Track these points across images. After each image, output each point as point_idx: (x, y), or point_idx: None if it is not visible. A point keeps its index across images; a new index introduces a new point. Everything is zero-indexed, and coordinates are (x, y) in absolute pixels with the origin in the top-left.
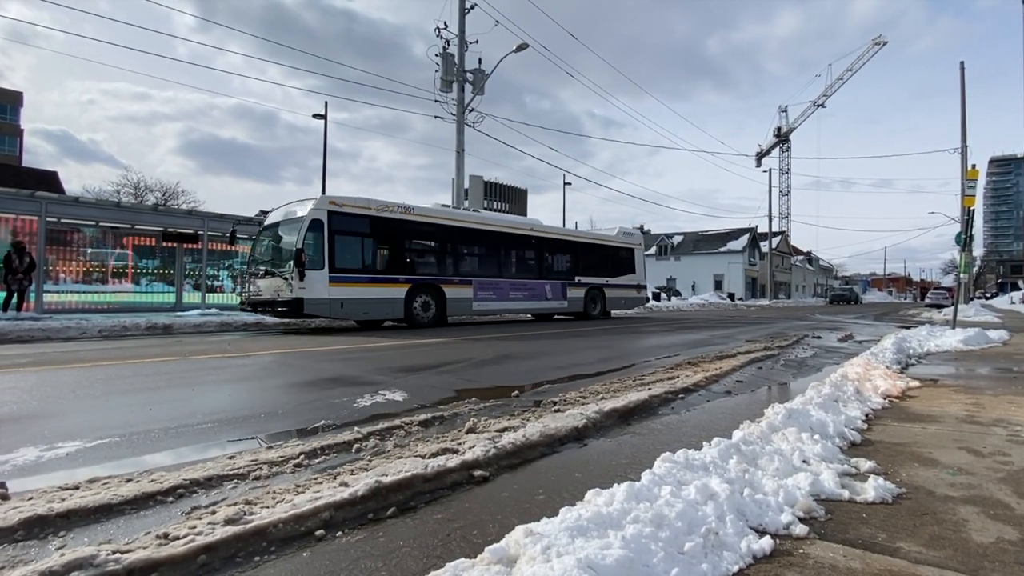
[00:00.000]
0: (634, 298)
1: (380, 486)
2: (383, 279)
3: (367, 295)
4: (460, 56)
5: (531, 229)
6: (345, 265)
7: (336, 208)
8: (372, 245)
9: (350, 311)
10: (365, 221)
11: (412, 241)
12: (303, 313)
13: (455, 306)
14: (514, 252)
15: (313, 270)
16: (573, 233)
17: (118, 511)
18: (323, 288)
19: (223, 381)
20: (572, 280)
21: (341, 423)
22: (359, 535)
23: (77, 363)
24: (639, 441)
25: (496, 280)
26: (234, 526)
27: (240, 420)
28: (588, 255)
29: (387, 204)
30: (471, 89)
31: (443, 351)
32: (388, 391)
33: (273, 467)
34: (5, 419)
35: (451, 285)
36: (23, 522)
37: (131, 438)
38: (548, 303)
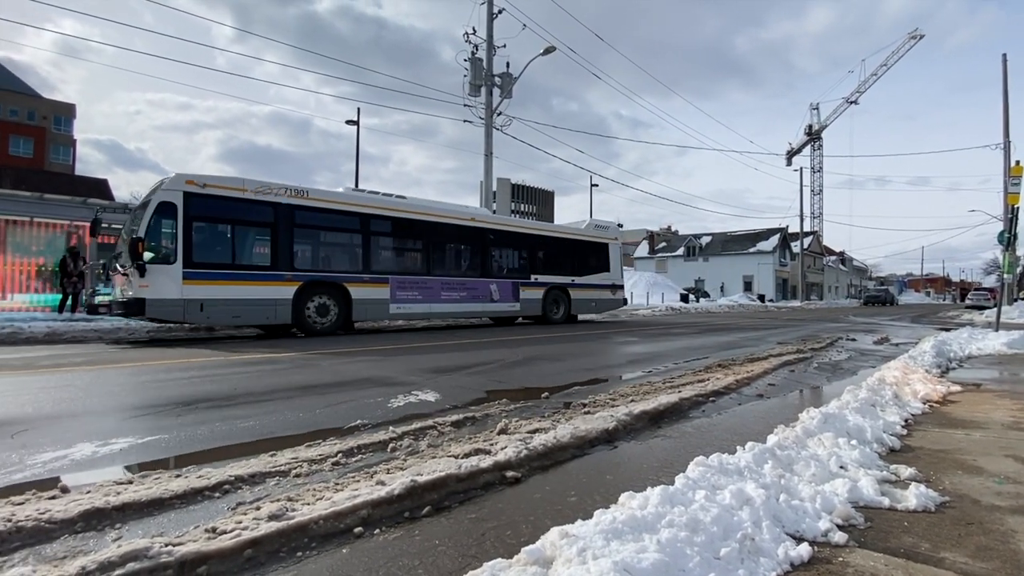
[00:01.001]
0: (608, 300)
1: (416, 485)
2: (262, 276)
3: (238, 295)
4: (488, 61)
5: (472, 219)
6: (208, 259)
7: (196, 189)
8: (249, 234)
9: (214, 315)
10: (239, 206)
11: (306, 230)
12: (148, 317)
13: (365, 309)
14: (449, 246)
15: (160, 264)
16: (528, 225)
17: (168, 505)
18: (174, 287)
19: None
20: (527, 279)
21: (376, 423)
22: (396, 533)
23: (128, 363)
24: (670, 444)
25: (423, 278)
26: (277, 522)
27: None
28: (548, 251)
29: (270, 185)
30: (499, 93)
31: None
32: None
33: (313, 465)
34: (64, 415)
35: (359, 283)
36: (82, 514)
37: (179, 433)
38: (494, 305)
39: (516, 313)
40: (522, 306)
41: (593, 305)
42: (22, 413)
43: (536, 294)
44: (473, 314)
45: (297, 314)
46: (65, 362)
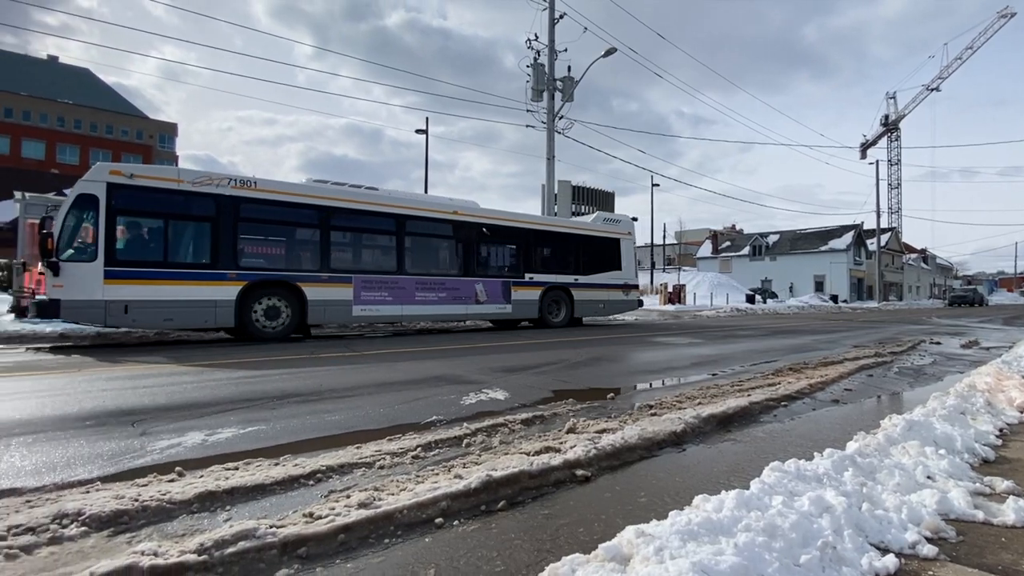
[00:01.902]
0: (618, 301)
1: (491, 480)
2: (200, 275)
3: (170, 296)
4: (550, 65)
5: (455, 212)
6: (135, 256)
7: (122, 180)
8: (186, 229)
9: (141, 317)
10: (173, 198)
11: (253, 225)
12: (63, 319)
13: (323, 311)
14: (426, 241)
15: (78, 262)
16: (522, 219)
17: (270, 490)
18: (93, 287)
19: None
20: (520, 277)
21: (451, 419)
22: (474, 525)
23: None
24: (741, 448)
25: (393, 277)
26: (366, 510)
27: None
28: (546, 247)
29: (212, 176)
30: (560, 97)
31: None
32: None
33: (395, 457)
34: (175, 407)
35: (316, 283)
36: (197, 496)
37: (275, 424)
38: (481, 307)
39: (507, 316)
40: (514, 308)
41: (601, 307)
42: (140, 404)
43: (531, 295)
44: (455, 316)
45: (242, 317)
46: (173, 360)
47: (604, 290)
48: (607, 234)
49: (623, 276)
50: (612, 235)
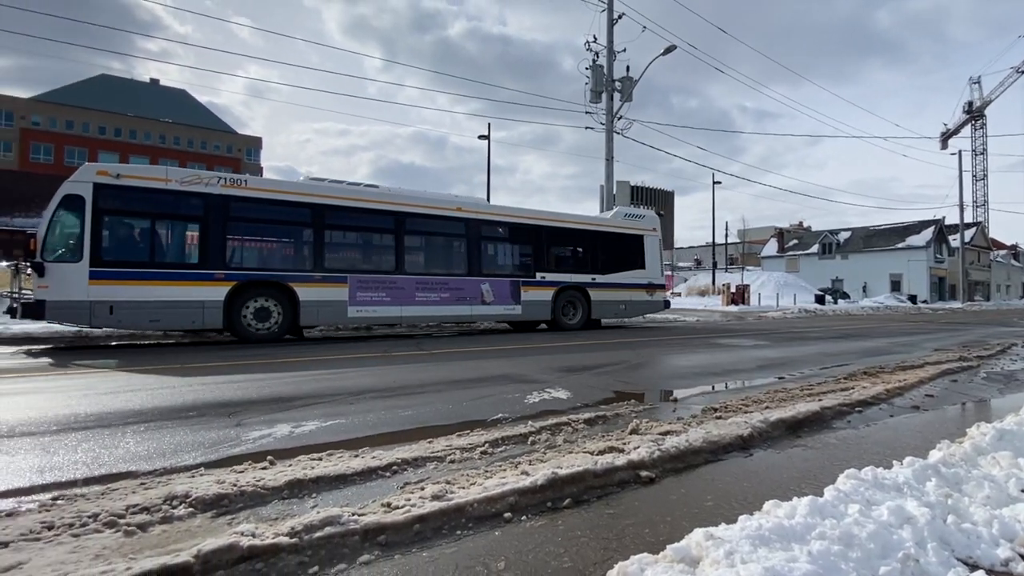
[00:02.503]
0: (641, 302)
1: (556, 478)
2: (186, 275)
3: (156, 296)
4: (609, 66)
5: (458, 209)
6: (120, 256)
7: (109, 180)
8: (173, 229)
9: (126, 318)
10: (161, 197)
11: (243, 224)
12: (49, 319)
13: (317, 312)
14: (427, 239)
15: (63, 263)
16: (534, 215)
17: (350, 480)
18: (78, 287)
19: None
20: (531, 277)
21: (516, 417)
22: (541, 521)
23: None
24: (812, 455)
25: (391, 277)
26: (439, 502)
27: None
28: (560, 244)
29: (201, 175)
30: (619, 97)
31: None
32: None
33: (464, 452)
34: (265, 400)
35: (309, 283)
36: (287, 483)
37: (354, 418)
38: (487, 308)
39: (516, 317)
40: (524, 309)
41: (622, 308)
42: (234, 397)
43: (543, 295)
44: (459, 318)
45: (231, 318)
46: (262, 359)
47: (625, 290)
48: (629, 230)
49: (647, 275)
50: (635, 232)
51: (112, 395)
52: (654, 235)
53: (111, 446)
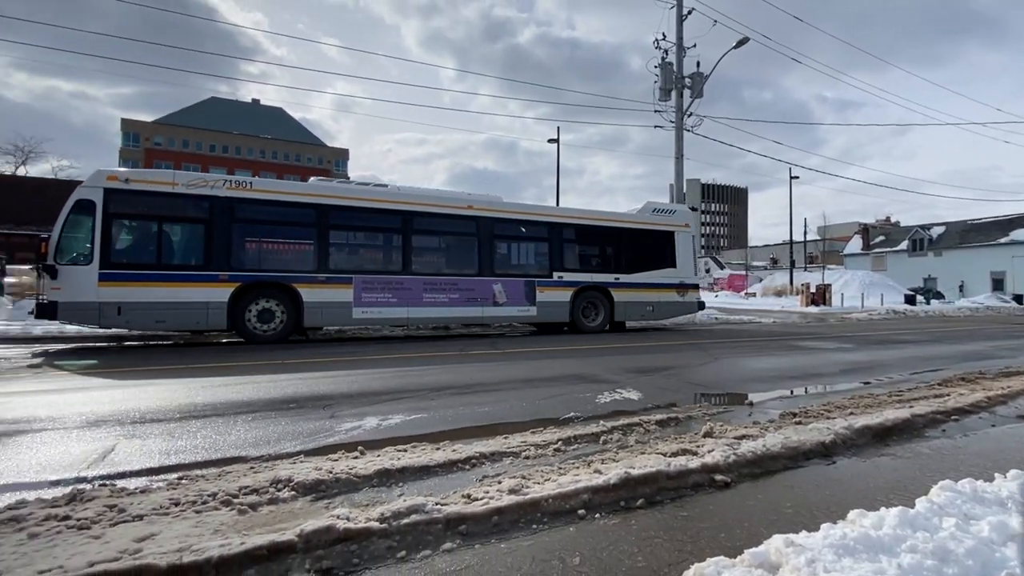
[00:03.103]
0: (672, 303)
1: (629, 477)
2: (191, 276)
3: (161, 297)
4: (678, 63)
5: (469, 207)
6: (128, 258)
7: (118, 185)
8: (179, 232)
9: (134, 318)
10: (168, 201)
11: (248, 226)
12: (62, 321)
13: (320, 313)
14: (436, 239)
15: (74, 265)
16: (549, 211)
17: (433, 472)
18: (88, 289)
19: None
20: (547, 277)
21: (587, 416)
22: (614, 520)
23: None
24: (901, 465)
25: (398, 277)
26: (516, 496)
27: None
28: (578, 242)
29: (207, 178)
30: (689, 94)
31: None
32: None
33: (538, 449)
34: (355, 394)
35: (313, 284)
36: (376, 472)
37: (434, 413)
38: (499, 309)
39: (531, 318)
40: (540, 310)
41: (649, 310)
42: (328, 391)
43: (560, 295)
44: (470, 319)
45: (235, 319)
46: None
47: (653, 291)
48: (658, 227)
49: (678, 274)
50: (664, 228)
51: (224, 388)
52: (686, 231)
53: (224, 433)
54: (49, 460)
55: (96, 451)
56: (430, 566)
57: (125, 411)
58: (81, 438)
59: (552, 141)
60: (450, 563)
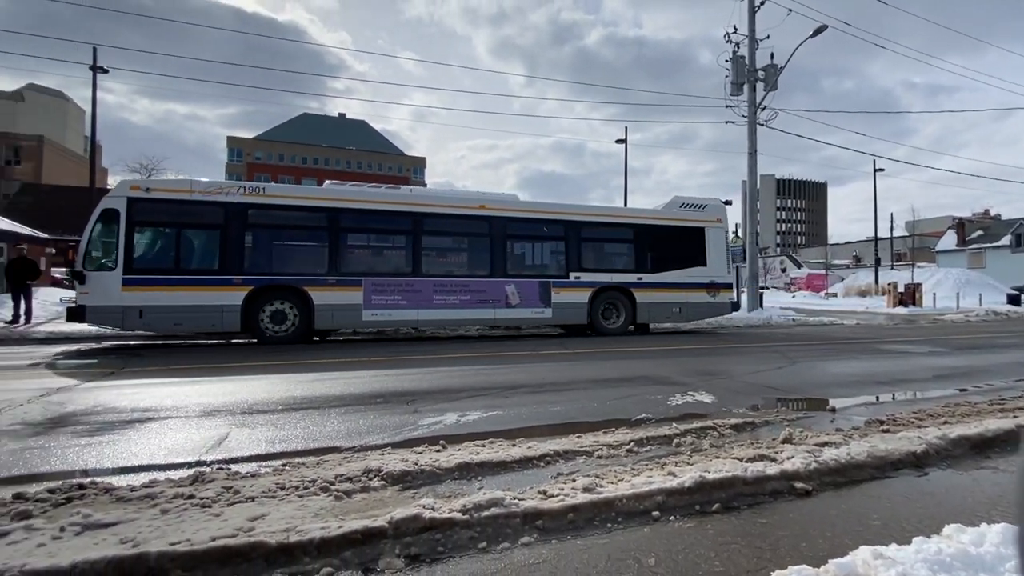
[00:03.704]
0: (701, 303)
1: (704, 481)
2: (206, 280)
3: (179, 301)
4: (751, 56)
5: (481, 207)
6: (149, 264)
7: (139, 194)
8: (196, 237)
9: (154, 321)
10: (185, 208)
11: (261, 230)
12: (90, 323)
13: (331, 315)
14: (447, 239)
15: (101, 271)
16: (566, 209)
17: (509, 467)
18: (113, 293)
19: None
20: (563, 277)
21: (659, 418)
22: (689, 523)
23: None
24: (1004, 479)
25: (408, 279)
26: (590, 494)
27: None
28: (597, 241)
29: (221, 185)
30: (763, 87)
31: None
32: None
33: (611, 449)
34: (435, 391)
35: (323, 287)
36: (457, 465)
37: (509, 411)
38: (512, 311)
39: (546, 320)
40: (555, 312)
41: (676, 311)
42: (411, 388)
43: (577, 296)
44: (481, 321)
45: (250, 321)
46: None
47: (680, 291)
48: (685, 223)
49: (708, 273)
50: (692, 224)
51: (319, 383)
52: (718, 227)
53: (320, 424)
54: (174, 445)
55: (212, 438)
56: (509, 558)
57: (235, 403)
58: (199, 426)
59: (620, 141)
60: (528, 556)
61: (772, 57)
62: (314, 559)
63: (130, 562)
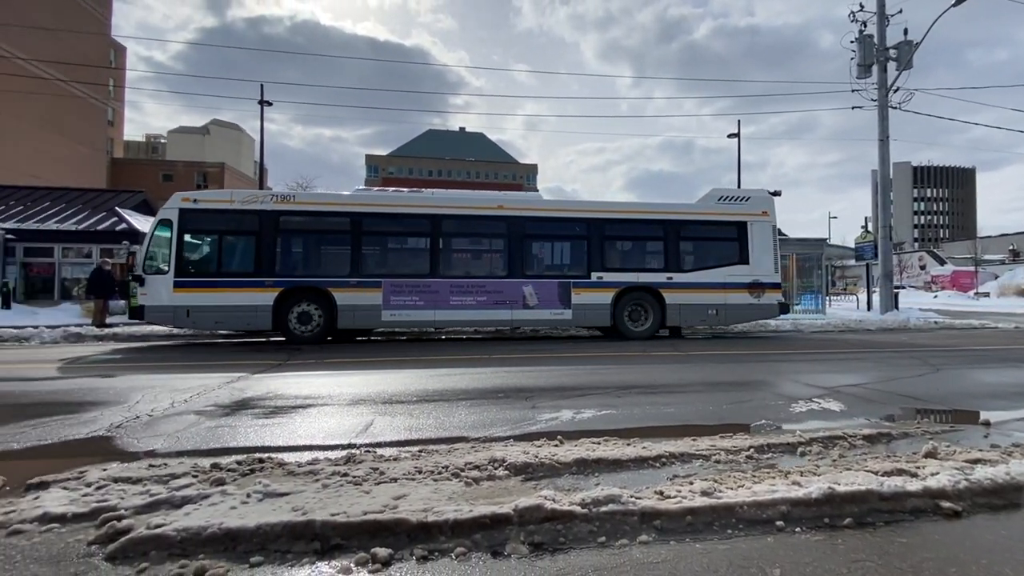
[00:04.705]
0: (744, 306)
1: (834, 493)
2: (242, 283)
3: (219, 302)
4: (880, 34)
5: (499, 207)
6: (195, 268)
7: (189, 205)
8: (235, 243)
9: (199, 320)
10: (224, 217)
11: (290, 235)
12: (148, 322)
13: (352, 316)
14: (464, 240)
15: (157, 275)
16: (588, 207)
17: (625, 466)
18: (166, 294)
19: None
20: (584, 277)
21: (780, 425)
22: (817, 536)
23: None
24: None
25: (424, 280)
26: (708, 498)
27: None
28: (622, 239)
29: (257, 194)
30: (895, 67)
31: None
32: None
33: (729, 455)
34: (552, 388)
35: (345, 288)
36: (575, 461)
37: (622, 410)
38: (529, 312)
39: (566, 322)
40: (575, 313)
41: (713, 313)
42: (527, 384)
43: (599, 298)
44: (498, 323)
45: (280, 321)
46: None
47: (717, 291)
48: (723, 217)
49: (751, 272)
50: (732, 218)
51: (448, 377)
52: (763, 220)
53: (450, 415)
54: (330, 428)
55: (360, 424)
56: (628, 555)
57: (377, 393)
58: (349, 413)
59: (732, 136)
60: (647, 554)
61: (906, 33)
62: (448, 539)
63: (300, 527)
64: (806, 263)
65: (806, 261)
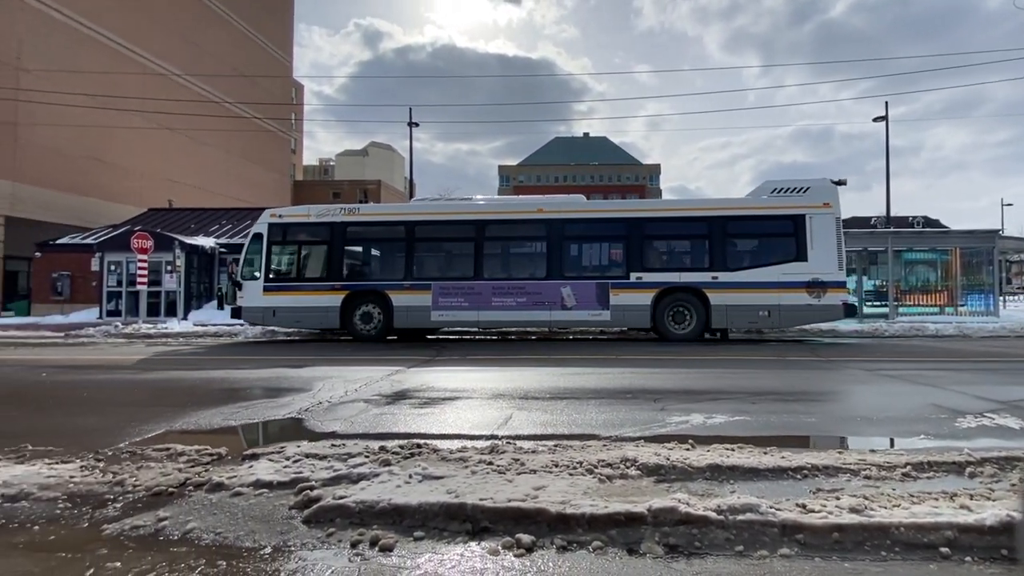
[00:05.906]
0: (800, 307)
1: (1013, 523)
2: (314, 287)
3: (298, 303)
4: None
5: (539, 211)
6: (280, 274)
7: (276, 220)
8: (309, 252)
9: (282, 319)
10: (303, 229)
11: (354, 244)
12: (245, 321)
13: (405, 316)
14: (505, 244)
15: (251, 280)
16: (627, 207)
17: (762, 475)
18: (258, 297)
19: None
20: (623, 278)
21: (942, 441)
22: (992, 569)
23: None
24: None
25: (468, 283)
26: (858, 516)
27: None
28: (662, 238)
29: (330, 208)
30: None
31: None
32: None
33: (881, 470)
34: (680, 391)
35: (399, 291)
36: (708, 466)
37: (756, 417)
38: (567, 313)
39: (604, 323)
40: (613, 315)
41: (764, 315)
42: (655, 386)
43: (639, 299)
44: (537, 323)
45: (347, 320)
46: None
47: (769, 291)
48: (776, 210)
49: (810, 269)
50: (787, 211)
51: (578, 376)
52: (825, 213)
53: (581, 412)
54: (475, 419)
55: (501, 417)
56: (768, 567)
57: (515, 388)
58: (491, 406)
59: (879, 119)
60: (788, 568)
61: None
62: (585, 532)
63: (454, 508)
64: (973, 258)
65: (973, 256)
